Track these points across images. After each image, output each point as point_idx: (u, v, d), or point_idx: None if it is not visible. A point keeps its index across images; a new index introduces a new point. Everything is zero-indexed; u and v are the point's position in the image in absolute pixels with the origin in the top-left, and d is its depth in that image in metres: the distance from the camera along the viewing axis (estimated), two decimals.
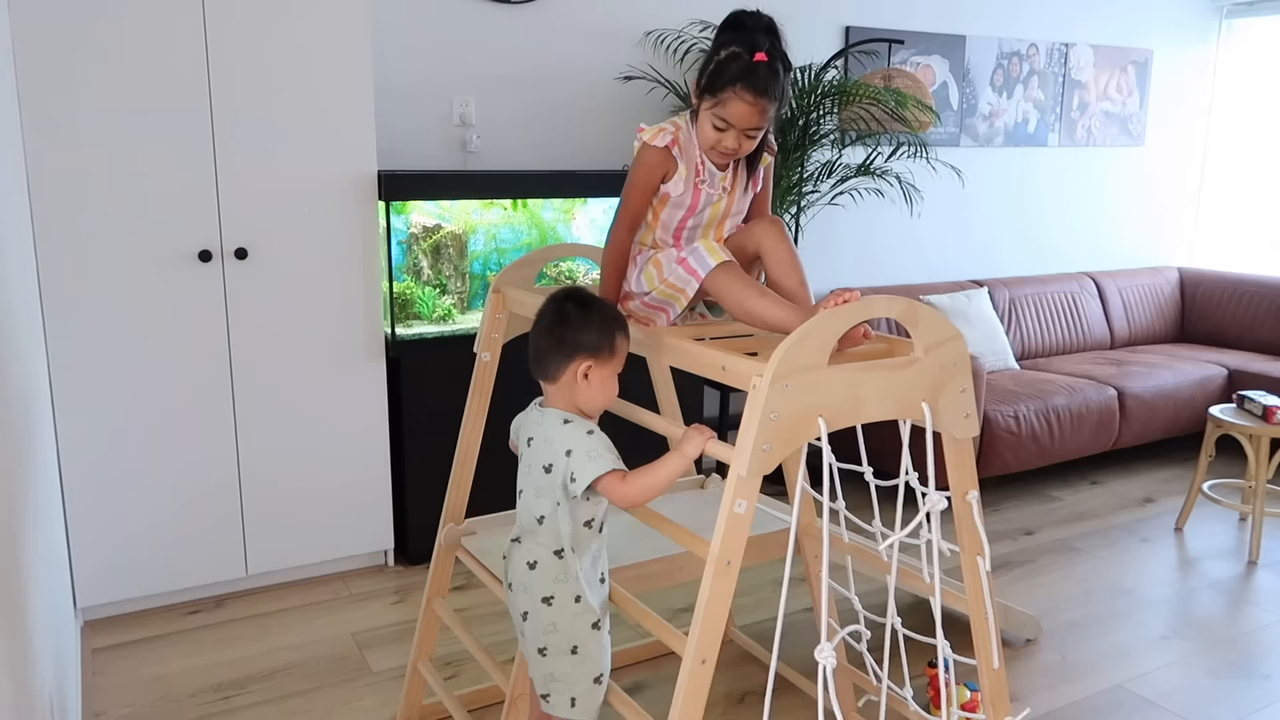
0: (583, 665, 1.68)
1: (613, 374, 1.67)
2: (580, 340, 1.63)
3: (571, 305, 1.65)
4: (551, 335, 1.64)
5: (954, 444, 1.62)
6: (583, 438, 1.62)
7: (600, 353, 1.64)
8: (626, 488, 1.59)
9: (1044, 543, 3.54)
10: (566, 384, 1.65)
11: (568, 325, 1.63)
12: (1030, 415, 3.84)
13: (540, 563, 1.67)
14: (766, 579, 3.16)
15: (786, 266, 1.74)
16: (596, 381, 1.64)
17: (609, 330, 1.64)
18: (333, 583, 3.18)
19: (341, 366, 3.08)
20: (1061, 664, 2.70)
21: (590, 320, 1.63)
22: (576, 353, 1.63)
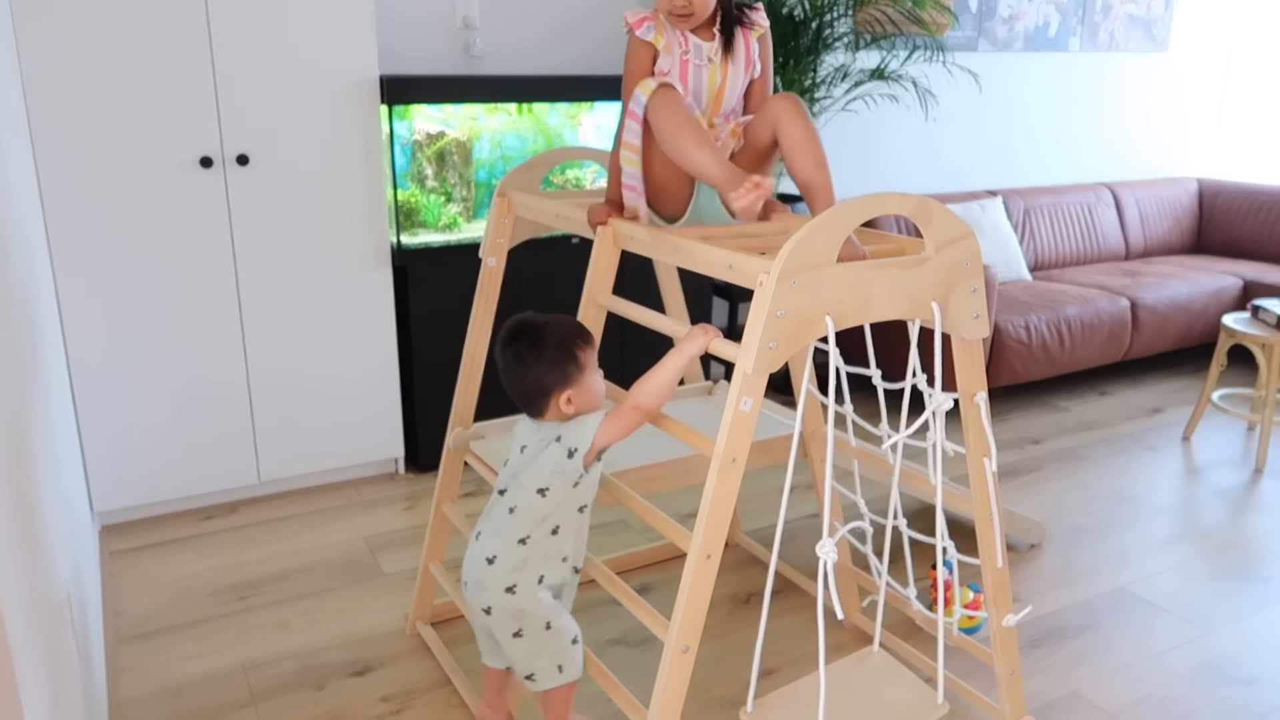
0: (559, 635, 1.71)
1: (592, 380, 1.66)
2: (548, 379, 1.63)
3: (522, 347, 1.64)
4: (519, 383, 1.65)
5: (963, 345, 1.60)
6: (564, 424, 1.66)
7: (569, 377, 1.63)
8: (628, 407, 1.60)
9: (1050, 451, 3.55)
10: (555, 414, 1.66)
11: (528, 370, 1.63)
12: (1041, 325, 3.81)
13: (500, 556, 1.67)
14: (771, 486, 3.19)
15: (800, 146, 1.63)
16: (580, 400, 1.65)
17: (568, 351, 1.63)
18: (344, 490, 3.23)
19: (347, 275, 3.06)
20: (1064, 567, 2.74)
21: (543, 355, 1.62)
22: (550, 390, 1.64)
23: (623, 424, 1.61)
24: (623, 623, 2.46)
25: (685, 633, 1.48)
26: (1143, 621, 2.47)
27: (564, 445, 1.63)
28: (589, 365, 1.65)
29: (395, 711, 2.13)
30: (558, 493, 1.64)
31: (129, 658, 2.32)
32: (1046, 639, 2.39)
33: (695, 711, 2.09)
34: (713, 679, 2.21)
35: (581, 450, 1.61)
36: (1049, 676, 2.25)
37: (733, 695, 2.17)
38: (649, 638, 2.39)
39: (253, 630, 2.43)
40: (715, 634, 2.38)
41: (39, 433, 1.69)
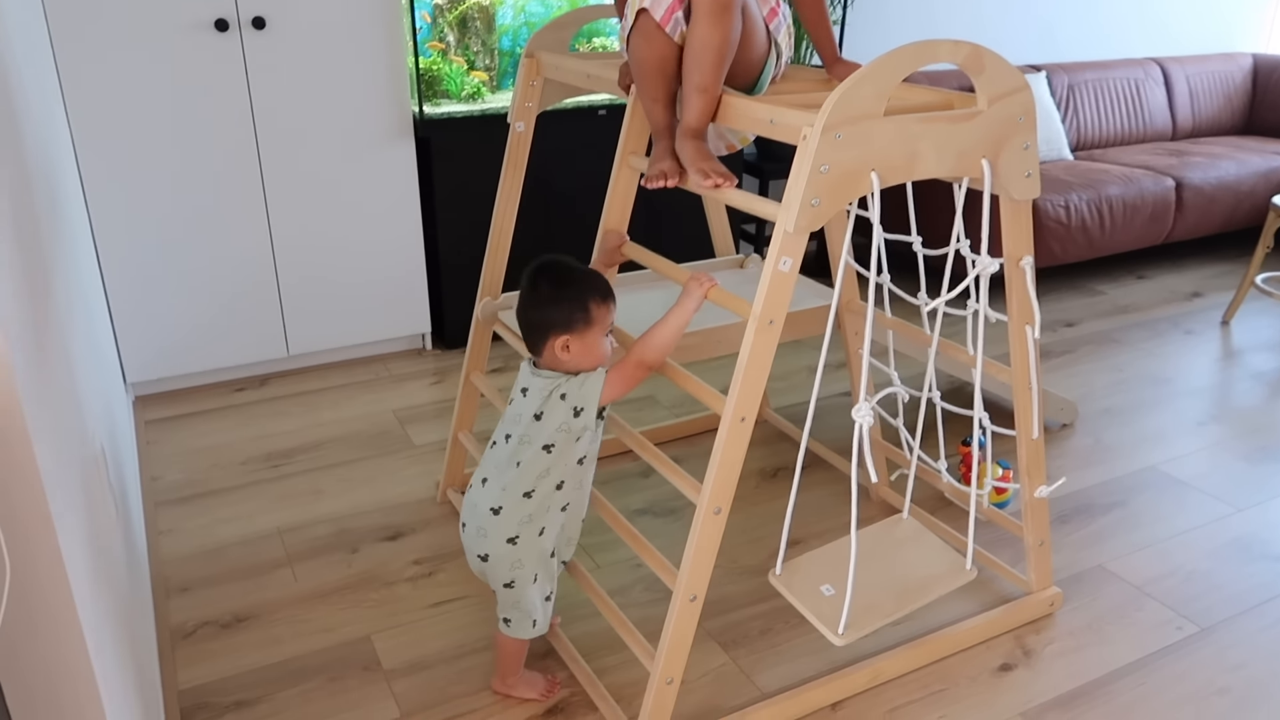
0: (541, 589, 1.72)
1: (596, 339, 1.61)
2: (552, 319, 1.59)
3: (545, 281, 1.61)
4: (527, 314, 1.63)
5: (1012, 206, 1.54)
6: (567, 380, 1.62)
7: (574, 327, 1.59)
8: (632, 363, 1.60)
9: (1084, 334, 3.49)
10: (551, 357, 1.62)
11: (539, 304, 1.61)
12: (1081, 205, 3.69)
13: (505, 508, 1.66)
14: (799, 365, 3.17)
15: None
16: (579, 351, 1.60)
17: (582, 302, 1.59)
18: (372, 364, 3.24)
19: (369, 147, 2.99)
20: (1094, 446, 2.72)
21: (563, 296, 1.59)
22: (550, 331, 1.60)
23: (626, 380, 1.61)
24: (650, 494, 2.48)
25: (718, 494, 1.47)
26: (1173, 499, 2.46)
27: (569, 404, 1.60)
28: (598, 323, 1.61)
29: (427, 574, 2.18)
30: (561, 449, 1.63)
31: (167, 520, 2.38)
32: (1074, 515, 2.39)
33: (721, 579, 2.12)
34: (739, 548, 2.24)
35: (589, 409, 1.60)
36: (1075, 551, 2.25)
37: (758, 564, 2.20)
38: (676, 508, 2.41)
39: (287, 496, 2.48)
40: (742, 506, 2.39)
41: (64, 289, 1.68)
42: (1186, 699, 1.82)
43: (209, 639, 1.98)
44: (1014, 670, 1.89)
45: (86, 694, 0.99)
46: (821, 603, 1.58)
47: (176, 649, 1.95)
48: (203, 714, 1.79)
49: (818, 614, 1.56)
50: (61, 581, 0.94)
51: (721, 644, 1.96)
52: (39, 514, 0.91)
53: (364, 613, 2.06)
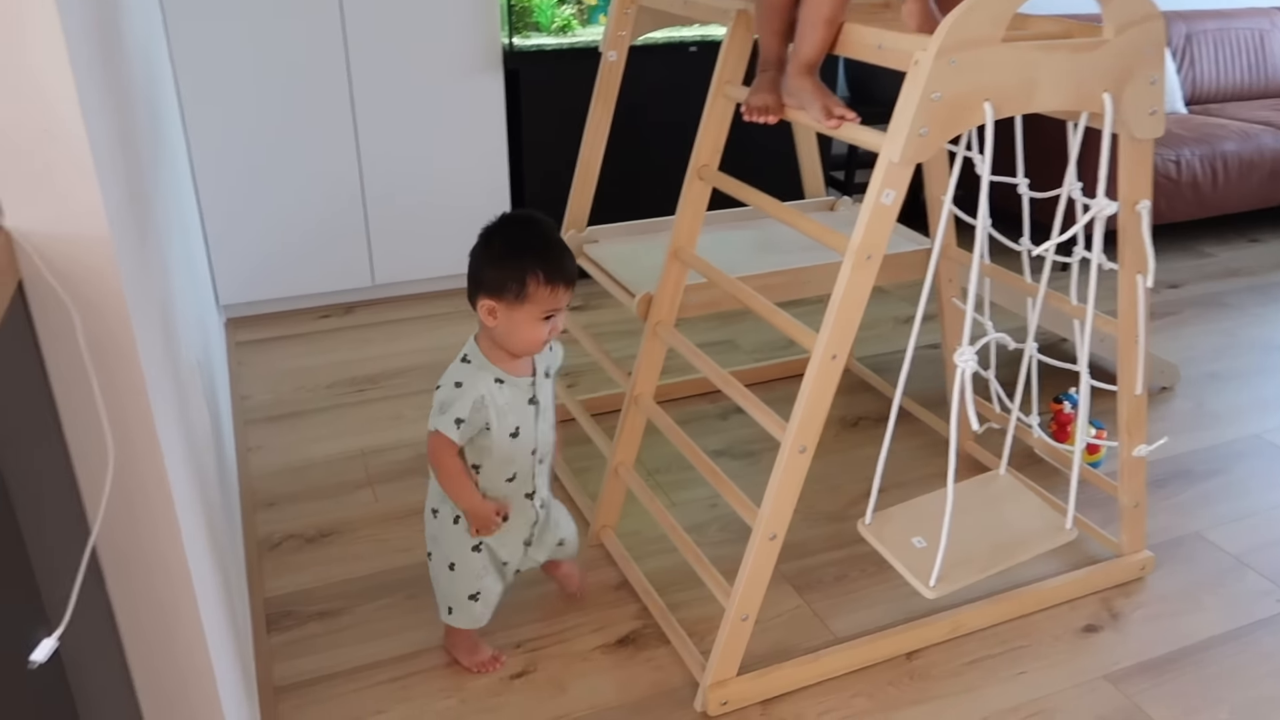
0: (457, 582, 1.64)
1: (529, 318, 1.45)
2: (484, 276, 1.45)
3: (498, 235, 1.47)
4: (471, 264, 1.48)
5: (1132, 145, 1.45)
6: (450, 386, 1.50)
7: (504, 294, 1.43)
8: (440, 454, 1.50)
9: (1190, 296, 3.33)
10: (480, 319, 1.49)
11: (482, 256, 1.46)
12: (1194, 161, 3.49)
13: (432, 477, 1.60)
14: (887, 315, 3.09)
15: None
16: (505, 325, 1.46)
17: (518, 271, 1.42)
18: (454, 297, 3.26)
19: (458, 77, 2.98)
20: (1196, 411, 2.60)
21: (503, 258, 1.43)
22: (480, 289, 1.46)
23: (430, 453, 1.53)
24: (728, 435, 2.46)
25: (803, 432, 1.44)
26: (1278, 469, 2.34)
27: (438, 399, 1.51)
28: (533, 302, 1.44)
29: None
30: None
31: (256, 437, 2.44)
32: (1172, 480, 2.30)
33: (799, 524, 2.10)
34: (817, 495, 2.21)
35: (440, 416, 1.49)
36: (1171, 516, 2.16)
37: (836, 511, 2.16)
38: (755, 451, 2.39)
39: (370, 420, 2.52)
40: (821, 454, 2.32)
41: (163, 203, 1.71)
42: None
43: (294, 551, 2.04)
44: (1099, 632, 1.83)
45: (181, 588, 1.01)
46: (913, 554, 1.54)
47: (263, 559, 2.02)
48: (288, 620, 1.85)
49: (909, 565, 1.53)
50: (160, 477, 0.96)
51: (796, 587, 1.94)
52: (140, 409, 0.93)
53: None
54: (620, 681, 1.72)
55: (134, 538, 0.97)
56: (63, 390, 0.88)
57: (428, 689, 1.70)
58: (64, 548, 0.86)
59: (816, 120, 1.46)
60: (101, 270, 0.86)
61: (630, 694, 1.70)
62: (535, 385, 1.57)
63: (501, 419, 1.51)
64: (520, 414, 1.54)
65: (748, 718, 1.65)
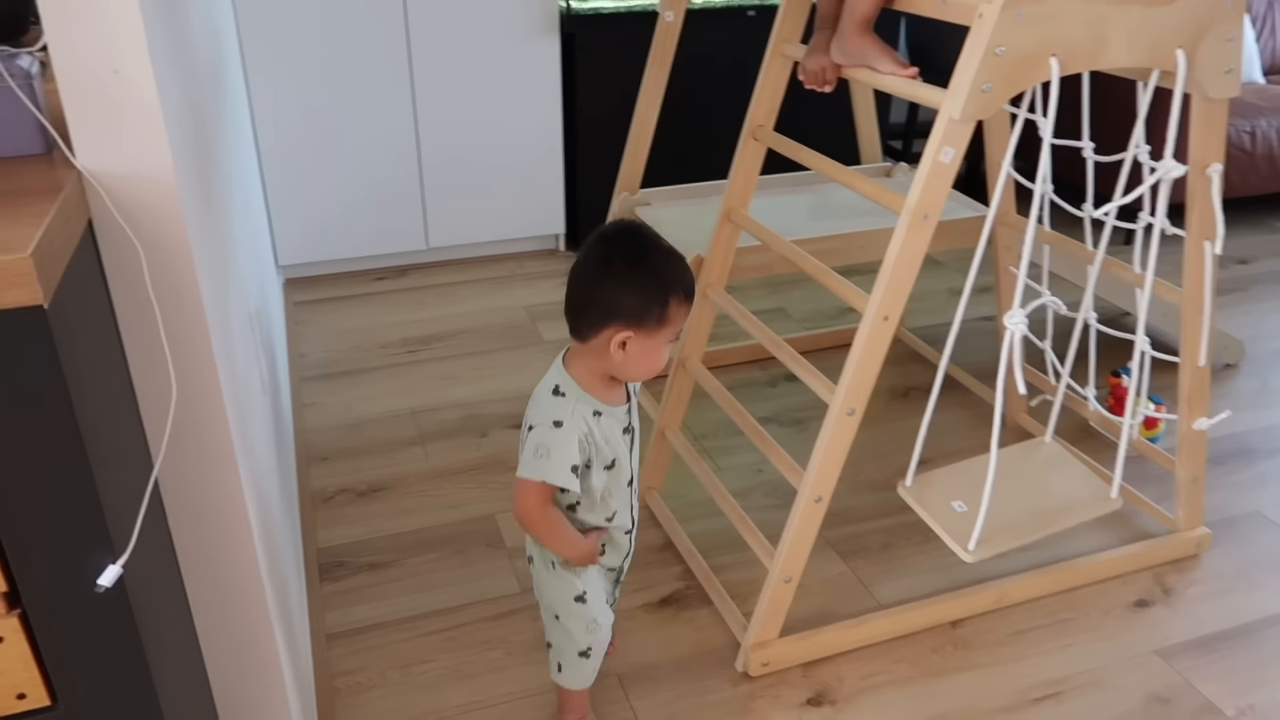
0: (566, 636, 1.44)
1: (660, 345, 1.26)
2: (620, 304, 1.22)
3: (619, 252, 1.24)
4: (587, 288, 1.25)
5: (1206, 106, 1.40)
6: (548, 427, 1.27)
7: (644, 323, 1.23)
8: (533, 506, 1.29)
9: (1259, 272, 3.23)
10: (597, 349, 1.26)
11: (608, 280, 1.23)
12: (1270, 133, 3.36)
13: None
14: (940, 287, 3.04)
15: None
16: (636, 354, 1.25)
17: (661, 294, 1.23)
18: (506, 262, 3.28)
19: (515, 40, 2.98)
20: (1261, 389, 2.52)
21: (637, 279, 1.22)
22: (613, 318, 1.23)
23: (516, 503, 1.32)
24: (776, 403, 2.45)
25: (852, 395, 1.43)
26: None
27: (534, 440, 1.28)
28: (672, 325, 1.26)
29: None
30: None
31: (311, 394, 2.49)
32: (1232, 457, 2.24)
33: (844, 491, 2.08)
34: (864, 463, 2.19)
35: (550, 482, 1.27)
36: (1230, 493, 2.11)
37: (883, 479, 2.15)
38: (802, 419, 2.38)
39: (422, 380, 2.56)
40: (870, 423, 2.30)
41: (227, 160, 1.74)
42: None
43: (346, 504, 2.09)
44: (1151, 607, 1.80)
45: (238, 522, 1.05)
46: (953, 518, 1.53)
47: (317, 512, 2.06)
48: (340, 570, 1.90)
49: (948, 529, 1.52)
50: (219, 414, 0.99)
51: (840, 554, 1.94)
52: (201, 348, 0.95)
53: (489, 493, 2.12)
54: (663, 640, 1.74)
55: (194, 472, 1.00)
56: (129, 327, 0.91)
57: (473, 640, 1.74)
58: (128, 479, 0.89)
59: (890, 72, 1.43)
60: (167, 211, 0.88)
61: (672, 652, 1.72)
62: (630, 412, 1.39)
63: (599, 454, 1.32)
64: (616, 445, 1.35)
65: (789, 679, 1.65)
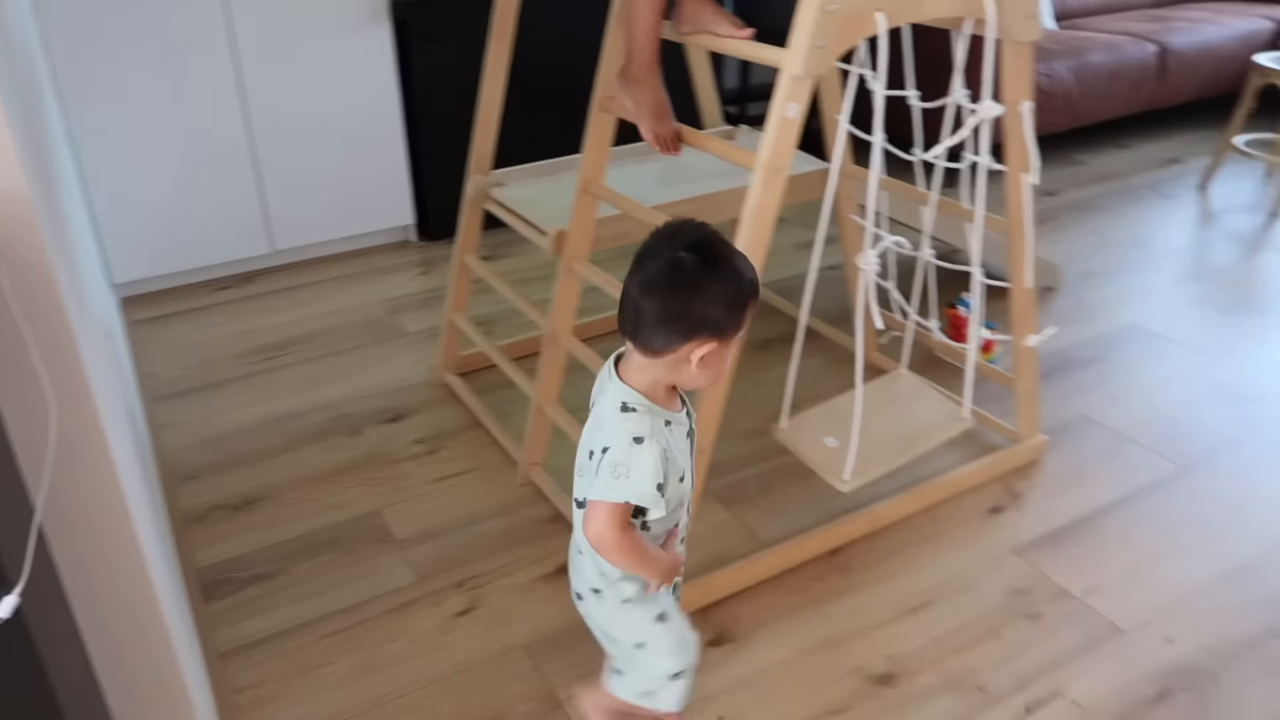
0: (656, 662, 1.35)
1: (732, 350, 1.19)
2: (706, 317, 1.13)
3: (699, 258, 1.13)
4: (667, 303, 1.13)
5: (1014, 49, 1.54)
6: (627, 445, 1.17)
7: (727, 332, 1.15)
8: (611, 529, 1.19)
9: (1066, 202, 3.52)
10: (672, 362, 1.17)
11: (691, 293, 1.12)
12: (1064, 74, 3.67)
13: (584, 550, 1.30)
14: (787, 242, 3.18)
15: None
16: (712, 363, 1.17)
17: (742, 300, 1.15)
18: (356, 259, 3.22)
19: (343, 31, 2.90)
20: (1076, 307, 2.78)
21: (722, 290, 1.13)
22: (699, 331, 1.14)
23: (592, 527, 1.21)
24: None
25: None
26: (1153, 352, 2.54)
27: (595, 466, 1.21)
28: (743, 328, 1.19)
29: (430, 451, 2.22)
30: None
31: (167, 414, 2.39)
32: (1058, 370, 2.46)
33: (721, 444, 2.16)
34: (735, 416, 2.27)
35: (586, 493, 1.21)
36: (1060, 402, 2.33)
37: (755, 428, 2.25)
38: None
39: (283, 386, 2.49)
40: (735, 377, 2.41)
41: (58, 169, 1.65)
42: (1166, 529, 1.92)
43: (221, 521, 2.02)
44: (1004, 512, 1.97)
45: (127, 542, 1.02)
46: (826, 453, 1.63)
47: (191, 532, 1.99)
48: (225, 587, 1.84)
49: (823, 464, 1.61)
50: (98, 434, 0.96)
51: (723, 501, 2.03)
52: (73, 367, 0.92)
53: (371, 490, 2.10)
54: (564, 607, 1.78)
55: (79, 493, 0.97)
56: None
57: (375, 636, 1.73)
58: (7, 505, 0.85)
59: (729, 34, 1.50)
60: (25, 225, 0.84)
61: (575, 616, 1.73)
62: (690, 415, 1.30)
63: (674, 466, 1.23)
64: (684, 455, 1.27)
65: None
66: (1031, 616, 1.73)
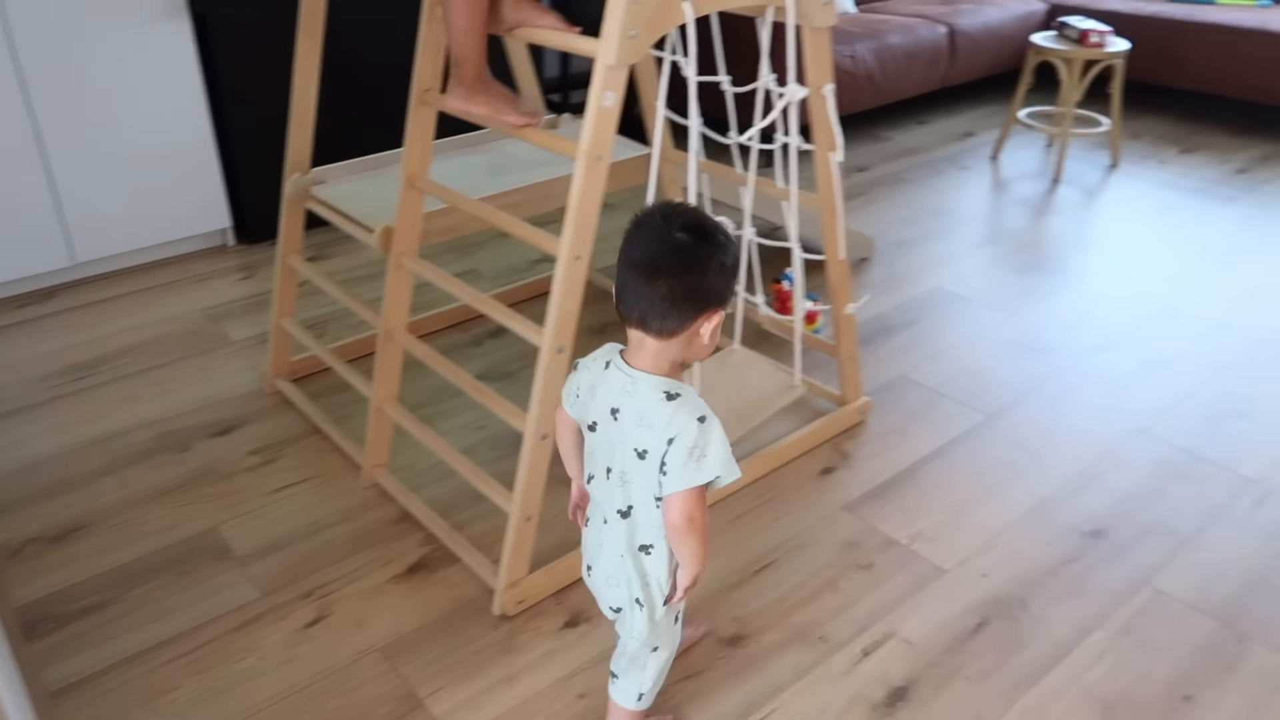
0: (664, 663, 1.44)
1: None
2: (713, 289, 1.19)
3: (695, 236, 1.18)
4: (677, 284, 1.16)
5: (813, 35, 1.63)
6: (692, 425, 1.19)
7: (726, 299, 1.22)
8: (701, 511, 1.21)
9: (875, 177, 3.74)
10: (685, 339, 1.21)
11: (703, 270, 1.17)
12: (866, 55, 3.89)
13: (627, 558, 1.32)
14: (616, 228, 3.22)
15: None
16: (713, 332, 1.22)
17: (735, 265, 1.23)
18: (171, 266, 3.05)
19: (138, 26, 2.73)
20: (889, 275, 2.97)
21: (724, 260, 1.19)
22: (709, 304, 1.19)
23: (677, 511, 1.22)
24: (484, 360, 2.52)
25: (560, 333, 1.53)
26: (958, 313, 2.75)
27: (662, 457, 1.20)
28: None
29: (267, 461, 2.15)
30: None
31: None
32: (875, 336, 2.63)
33: None
34: None
35: (667, 486, 1.20)
36: (880, 365, 2.49)
37: None
38: (512, 370, 2.47)
39: (99, 406, 2.34)
40: None
41: None
42: (979, 473, 2.10)
43: (40, 554, 1.89)
44: (835, 472, 2.10)
45: None
46: None
47: (5, 569, 1.85)
48: (49, 624, 1.73)
49: None
50: None
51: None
52: None
53: (205, 507, 2.02)
54: (418, 605, 1.77)
55: None
56: None
57: (221, 657, 1.67)
58: None
59: (554, 28, 1.51)
60: None
61: (430, 614, 1.75)
62: None
63: None
64: None
65: (544, 610, 1.76)
66: (864, 567, 1.85)
